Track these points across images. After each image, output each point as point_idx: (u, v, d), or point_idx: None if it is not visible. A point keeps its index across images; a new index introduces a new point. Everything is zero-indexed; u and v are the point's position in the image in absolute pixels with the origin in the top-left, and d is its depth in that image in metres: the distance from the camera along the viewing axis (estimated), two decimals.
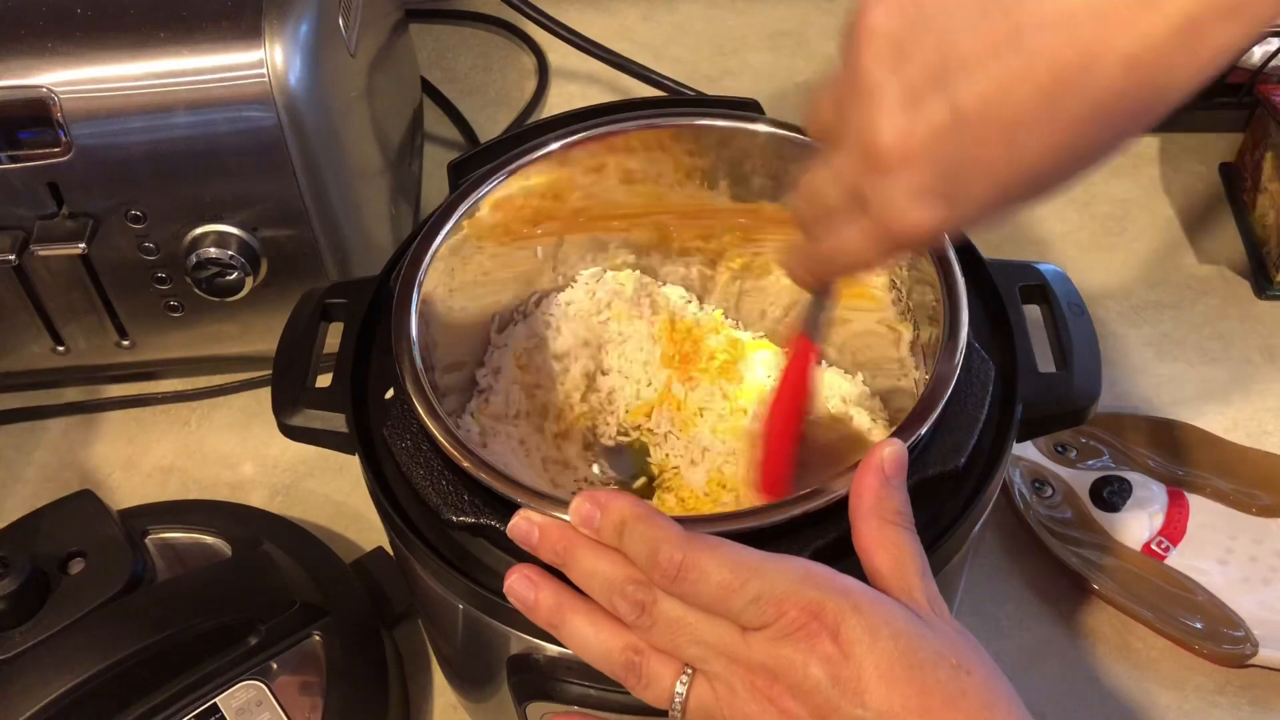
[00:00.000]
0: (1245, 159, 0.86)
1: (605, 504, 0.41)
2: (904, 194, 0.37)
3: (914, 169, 0.37)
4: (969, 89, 0.35)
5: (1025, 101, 0.35)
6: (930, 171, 0.37)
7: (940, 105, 0.35)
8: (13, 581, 0.55)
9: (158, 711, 0.56)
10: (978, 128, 0.35)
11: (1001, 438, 0.49)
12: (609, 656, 0.41)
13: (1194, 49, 0.33)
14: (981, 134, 0.36)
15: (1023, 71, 0.34)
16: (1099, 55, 0.34)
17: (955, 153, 0.36)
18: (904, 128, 0.36)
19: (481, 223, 0.57)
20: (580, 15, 1.03)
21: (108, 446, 0.78)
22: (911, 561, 0.41)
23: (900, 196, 0.37)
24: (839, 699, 0.37)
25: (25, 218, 0.65)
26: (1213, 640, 0.62)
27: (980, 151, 0.36)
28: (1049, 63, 0.34)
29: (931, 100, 0.36)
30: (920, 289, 0.55)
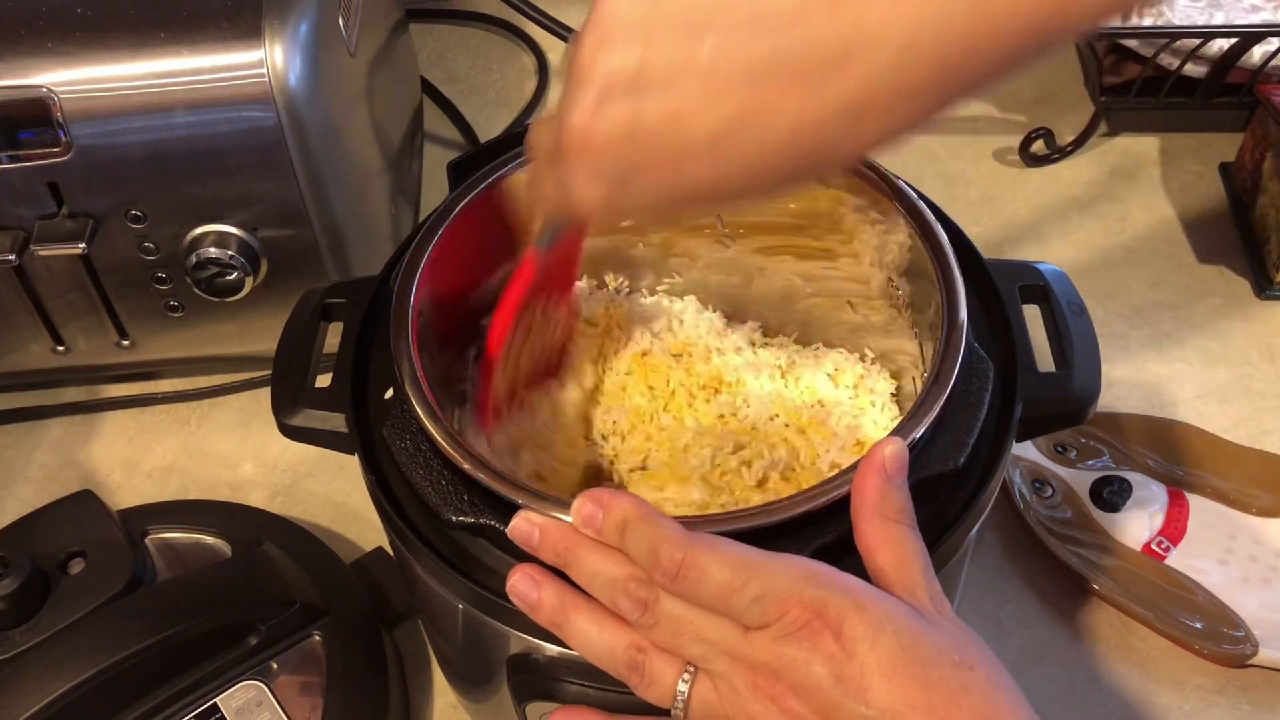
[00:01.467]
0: (1245, 159, 0.86)
1: (607, 504, 0.41)
2: (580, 172, 0.41)
3: (588, 158, 0.40)
4: (652, 106, 0.38)
5: (696, 134, 0.37)
6: (601, 164, 0.40)
7: (623, 111, 0.38)
8: (13, 581, 0.55)
9: (158, 711, 0.56)
10: (650, 143, 0.38)
11: (1001, 437, 0.49)
12: (612, 655, 0.41)
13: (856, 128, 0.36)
14: (651, 149, 0.38)
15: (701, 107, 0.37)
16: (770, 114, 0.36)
17: (626, 157, 0.39)
18: (588, 120, 0.39)
19: (482, 222, 0.57)
20: (580, 15, 1.02)
21: (108, 446, 0.78)
22: (914, 559, 0.41)
23: (575, 174, 0.41)
24: (842, 697, 0.37)
25: (25, 218, 0.65)
26: (1213, 640, 0.62)
27: (648, 164, 0.39)
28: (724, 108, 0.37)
29: (618, 103, 0.38)
30: (920, 289, 0.55)
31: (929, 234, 0.52)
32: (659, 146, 0.38)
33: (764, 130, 0.37)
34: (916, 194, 0.54)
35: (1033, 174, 0.91)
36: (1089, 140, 0.91)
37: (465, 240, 0.57)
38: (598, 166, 0.40)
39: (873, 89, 0.35)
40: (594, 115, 0.39)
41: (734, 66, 0.36)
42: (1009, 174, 0.91)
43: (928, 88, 0.36)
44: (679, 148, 0.38)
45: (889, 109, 0.36)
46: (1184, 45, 0.84)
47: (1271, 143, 0.81)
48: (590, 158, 0.40)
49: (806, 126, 0.36)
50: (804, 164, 0.38)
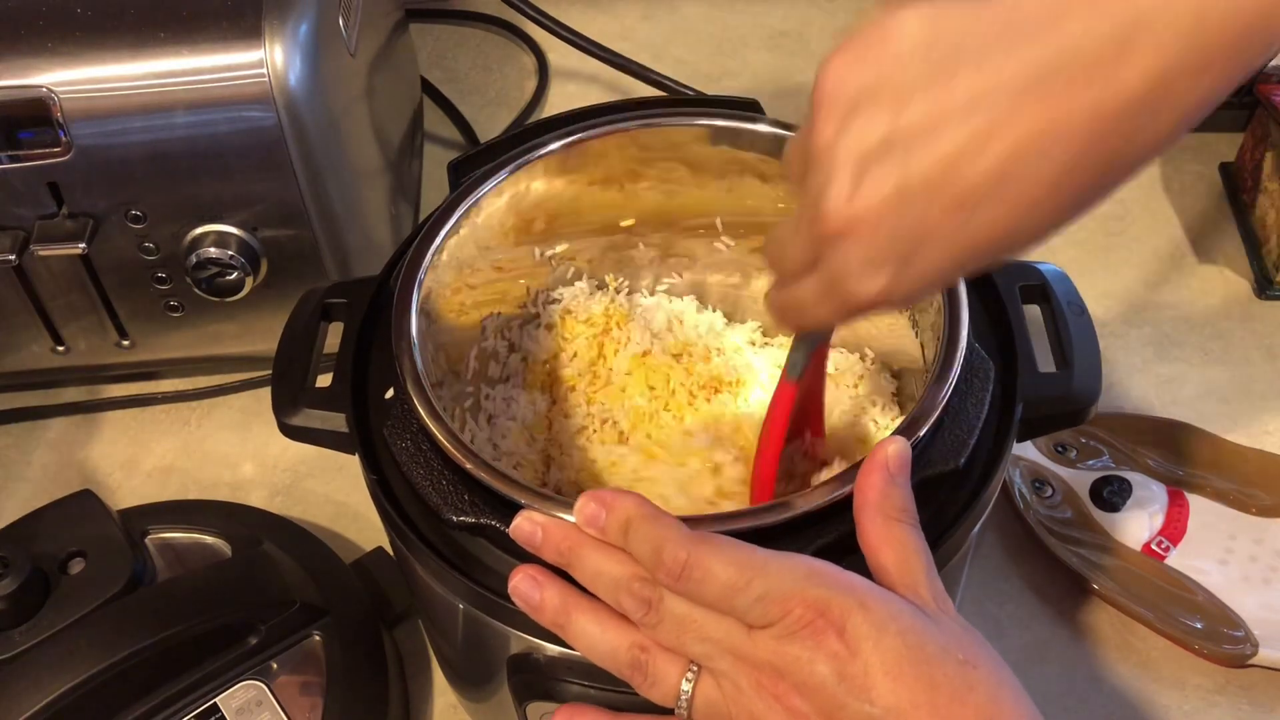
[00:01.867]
0: (1245, 159, 0.86)
1: (610, 503, 0.41)
2: (853, 262, 0.37)
3: (861, 239, 0.36)
4: (918, 161, 0.34)
5: (976, 176, 0.34)
6: (878, 242, 0.36)
7: (888, 176, 0.35)
8: (13, 581, 0.55)
9: (158, 711, 0.56)
10: (926, 201, 0.35)
11: (1001, 437, 0.49)
12: (615, 655, 0.41)
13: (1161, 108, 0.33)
14: (931, 206, 0.35)
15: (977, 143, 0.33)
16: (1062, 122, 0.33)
17: (903, 225, 0.35)
18: (850, 197, 0.35)
19: (481, 222, 0.57)
20: (580, 15, 1.03)
21: (108, 446, 0.78)
22: (916, 558, 0.41)
23: (849, 264, 0.37)
24: (846, 696, 0.37)
25: (25, 218, 0.65)
26: (1213, 640, 0.62)
27: (930, 225, 0.35)
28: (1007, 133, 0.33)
29: (879, 170, 0.35)
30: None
31: None
32: (936, 205, 0.34)
33: (1054, 145, 0.33)
34: None
35: None
36: None
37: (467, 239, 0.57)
38: (873, 248, 0.36)
39: (1168, 68, 0.32)
40: (854, 195, 0.35)
41: (992, 91, 0.33)
42: None
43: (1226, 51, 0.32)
44: (958, 199, 0.34)
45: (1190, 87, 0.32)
46: None
47: (1271, 143, 0.81)
48: (861, 241, 0.36)
49: (1103, 126, 0.33)
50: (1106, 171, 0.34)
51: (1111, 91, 0.32)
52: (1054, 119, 0.33)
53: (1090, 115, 0.33)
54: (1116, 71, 0.32)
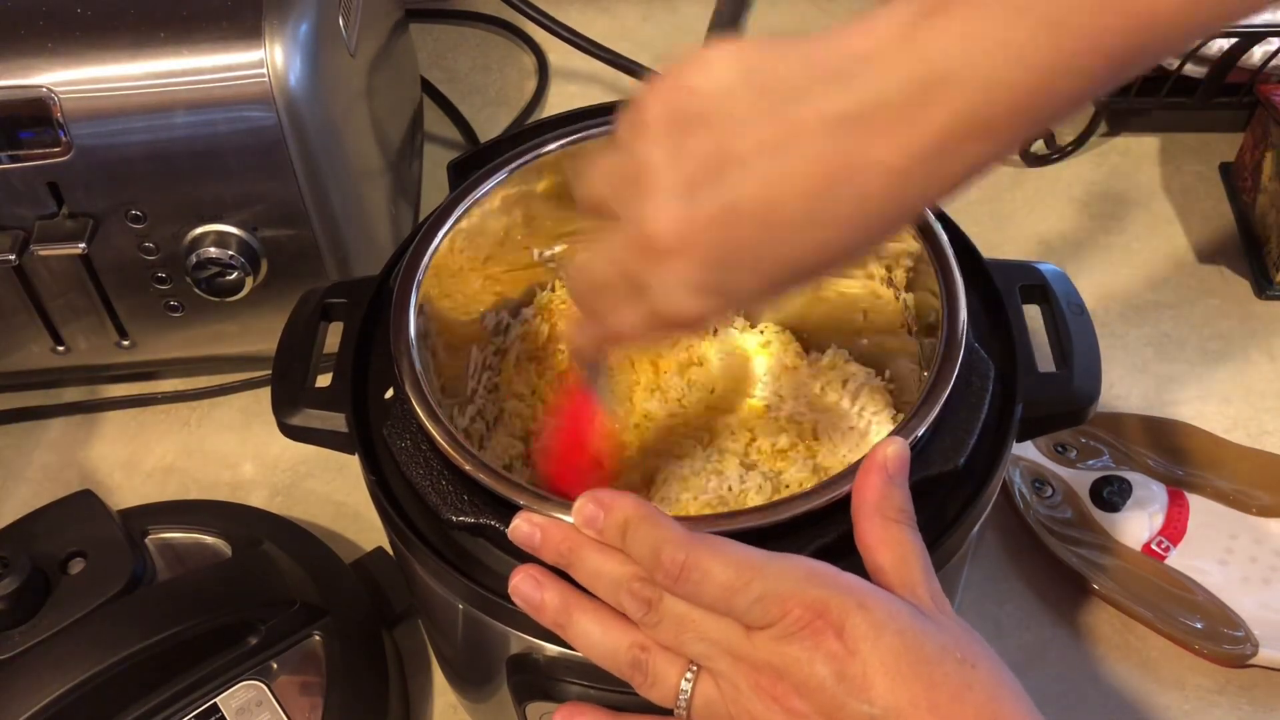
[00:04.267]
0: (1245, 159, 0.86)
1: (609, 504, 0.41)
2: (676, 283, 0.38)
3: (686, 260, 0.37)
4: (743, 185, 0.36)
5: (794, 202, 0.36)
6: (702, 263, 0.37)
7: (714, 198, 0.36)
8: (13, 581, 0.55)
9: (158, 711, 0.56)
10: (748, 224, 0.36)
11: (1001, 437, 0.49)
12: (615, 655, 0.41)
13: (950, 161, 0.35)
14: (752, 230, 0.36)
15: (793, 174, 0.36)
16: (862, 164, 0.35)
17: (726, 245, 0.37)
18: (678, 218, 0.37)
19: (481, 223, 0.57)
20: (580, 15, 1.03)
21: (108, 446, 0.78)
22: (914, 559, 0.41)
23: (672, 286, 0.38)
24: (845, 696, 0.37)
25: (25, 218, 0.65)
26: (1213, 640, 0.62)
27: (751, 245, 0.37)
28: (817, 168, 0.35)
29: (706, 192, 0.36)
30: (920, 289, 0.55)
31: (929, 234, 0.52)
32: (758, 223, 0.36)
33: (857, 184, 0.35)
34: None
35: (1032, 174, 0.91)
36: (1089, 140, 0.91)
37: (467, 239, 0.57)
38: (695, 267, 0.37)
39: (961, 124, 0.34)
40: (683, 212, 0.37)
41: (812, 125, 0.35)
42: (1009, 174, 0.91)
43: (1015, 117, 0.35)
44: (779, 218, 0.36)
45: (981, 140, 0.35)
46: None
47: (1271, 143, 0.81)
48: (686, 259, 0.37)
49: (899, 169, 0.35)
50: (899, 210, 0.37)
51: (909, 140, 0.35)
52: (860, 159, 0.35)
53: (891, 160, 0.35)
54: (913, 123, 0.34)
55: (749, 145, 0.36)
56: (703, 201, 0.36)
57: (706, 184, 0.36)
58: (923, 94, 0.34)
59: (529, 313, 0.63)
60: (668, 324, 0.40)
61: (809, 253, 0.37)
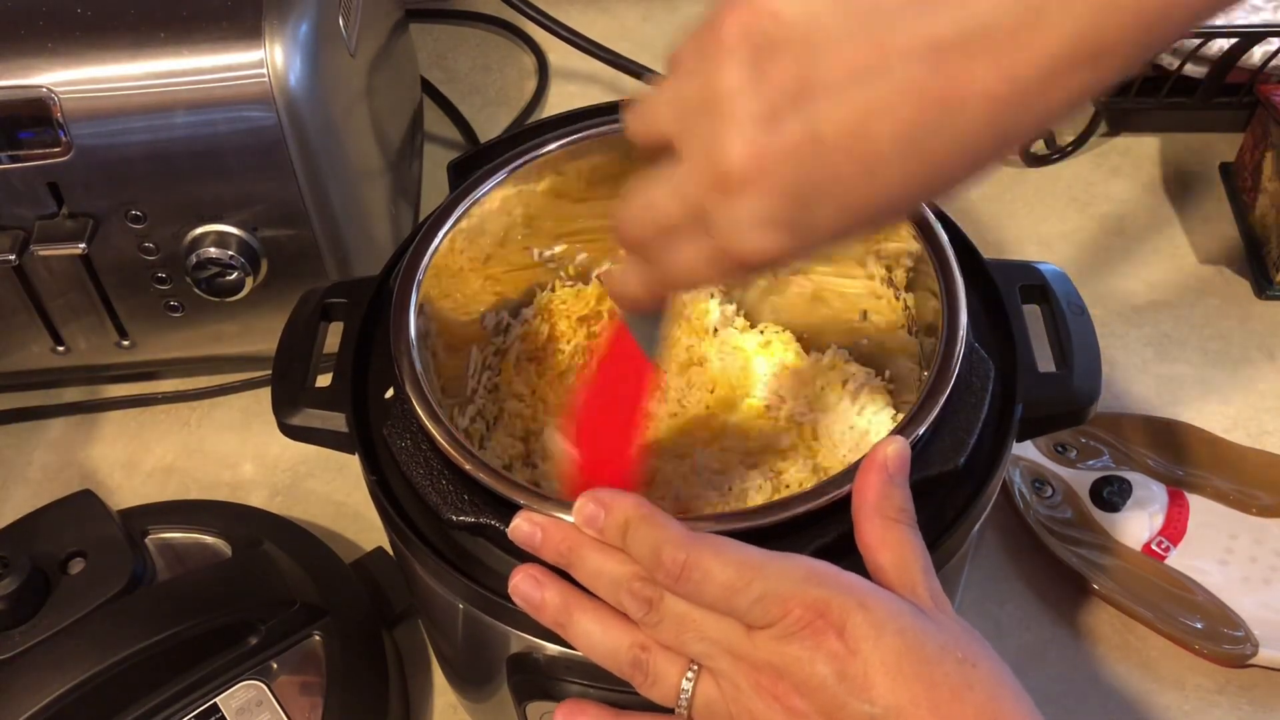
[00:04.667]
0: (1245, 159, 0.86)
1: (609, 504, 0.41)
2: (748, 217, 0.35)
3: (762, 191, 0.35)
4: (830, 114, 0.34)
5: (886, 132, 0.34)
6: (778, 195, 0.35)
7: (798, 126, 0.34)
8: (13, 581, 0.55)
9: (158, 711, 0.56)
10: (834, 154, 0.34)
11: (1001, 437, 0.49)
12: (616, 654, 0.41)
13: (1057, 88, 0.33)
14: (838, 161, 0.34)
15: (887, 103, 0.33)
16: (963, 93, 0.33)
17: (807, 178, 0.34)
18: (757, 146, 0.34)
19: (481, 223, 0.57)
20: (580, 15, 1.03)
21: (108, 446, 0.78)
22: (914, 558, 0.41)
23: (744, 219, 0.35)
24: (846, 695, 0.37)
25: (25, 218, 0.65)
26: (1213, 640, 0.62)
27: (834, 179, 0.34)
28: (912, 97, 0.33)
29: (790, 120, 0.34)
30: (920, 289, 0.55)
31: (929, 234, 0.52)
32: (845, 154, 0.34)
33: (956, 114, 0.33)
34: None
35: (1032, 174, 0.91)
36: (1089, 140, 0.91)
37: (467, 239, 0.57)
38: (771, 200, 0.35)
39: (1072, 48, 0.32)
40: (763, 140, 0.34)
41: (912, 50, 0.33)
42: (1009, 174, 0.91)
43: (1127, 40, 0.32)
44: (869, 150, 0.34)
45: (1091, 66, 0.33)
46: (1184, 45, 0.84)
47: (1271, 143, 0.81)
48: (762, 191, 0.35)
49: (1002, 97, 0.33)
50: (997, 143, 0.34)
51: (1015, 66, 0.32)
52: (965, 88, 0.33)
53: (997, 88, 0.33)
54: (1021, 47, 0.32)
55: (838, 72, 0.33)
56: (785, 130, 0.34)
57: (789, 111, 0.34)
58: (1032, 16, 0.32)
59: (529, 313, 0.63)
60: (736, 263, 0.37)
61: (897, 188, 0.35)
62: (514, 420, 0.61)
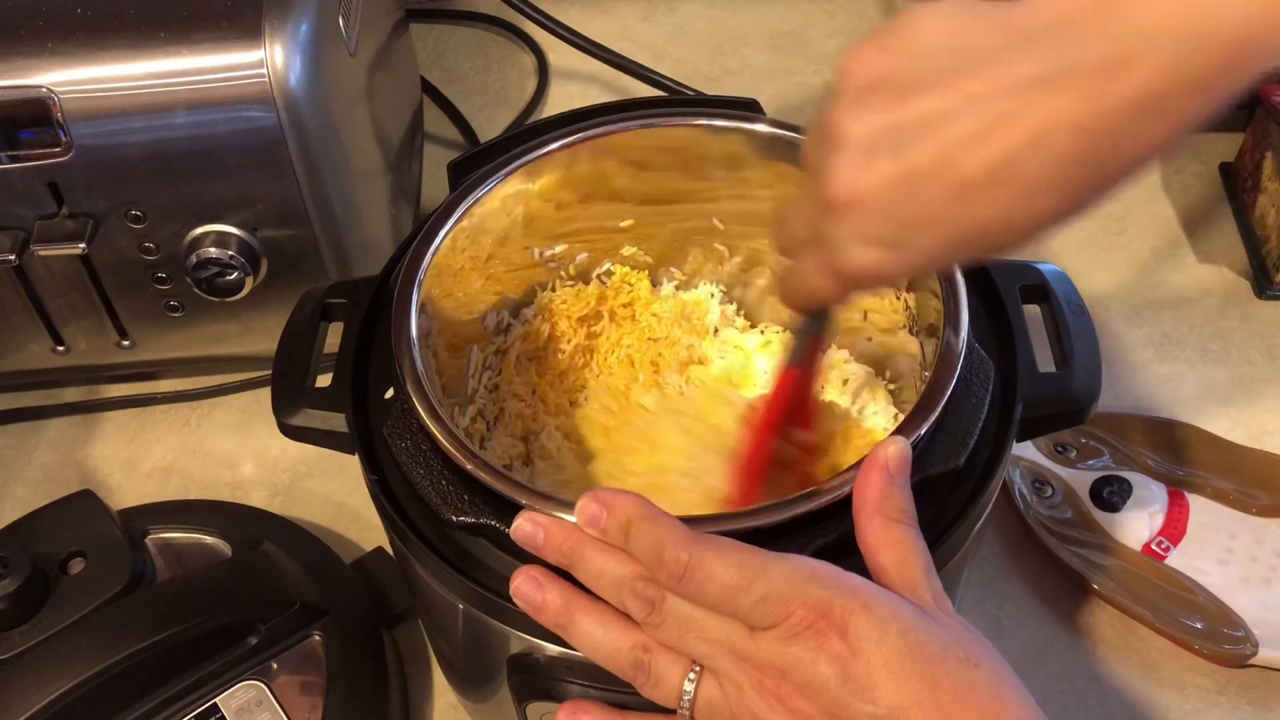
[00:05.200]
0: (1245, 159, 0.86)
1: (611, 504, 0.41)
2: (851, 238, 0.39)
3: (862, 216, 0.38)
4: (922, 147, 0.37)
5: (976, 165, 0.36)
6: (878, 220, 0.38)
7: (892, 159, 0.37)
8: (13, 581, 0.55)
9: (158, 711, 0.56)
10: (927, 185, 0.37)
11: (1001, 437, 0.49)
12: (618, 656, 0.41)
13: (1150, 121, 0.35)
14: (930, 191, 0.37)
15: (974, 136, 0.36)
16: (1050, 125, 0.35)
17: (904, 205, 0.38)
18: (856, 176, 0.38)
19: (481, 223, 0.57)
20: (580, 15, 1.03)
21: (108, 446, 0.78)
22: (916, 559, 0.41)
23: (848, 240, 0.39)
24: (849, 696, 0.37)
25: (25, 218, 0.65)
26: (1213, 640, 0.62)
27: (929, 207, 0.37)
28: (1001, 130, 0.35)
29: (885, 152, 0.37)
30: (921, 289, 0.55)
31: None
32: (933, 191, 0.37)
33: (1043, 146, 0.35)
34: None
35: None
36: None
37: (467, 240, 0.57)
38: (869, 225, 0.38)
39: (1162, 80, 0.34)
40: (859, 173, 0.38)
41: (999, 88, 0.35)
42: None
43: (1220, 72, 0.34)
44: (955, 187, 0.37)
45: (1182, 99, 0.35)
46: None
47: (1271, 143, 0.81)
48: (860, 218, 0.38)
49: (1093, 127, 0.35)
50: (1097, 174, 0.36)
51: (1107, 102, 0.34)
52: (1051, 120, 0.35)
53: (1084, 120, 0.35)
54: (1112, 84, 0.34)
55: (932, 106, 0.36)
56: (879, 163, 0.37)
57: (884, 146, 0.37)
58: (1122, 52, 0.34)
59: (529, 313, 0.63)
60: (844, 277, 0.41)
61: (993, 214, 0.37)
62: (514, 420, 0.61)
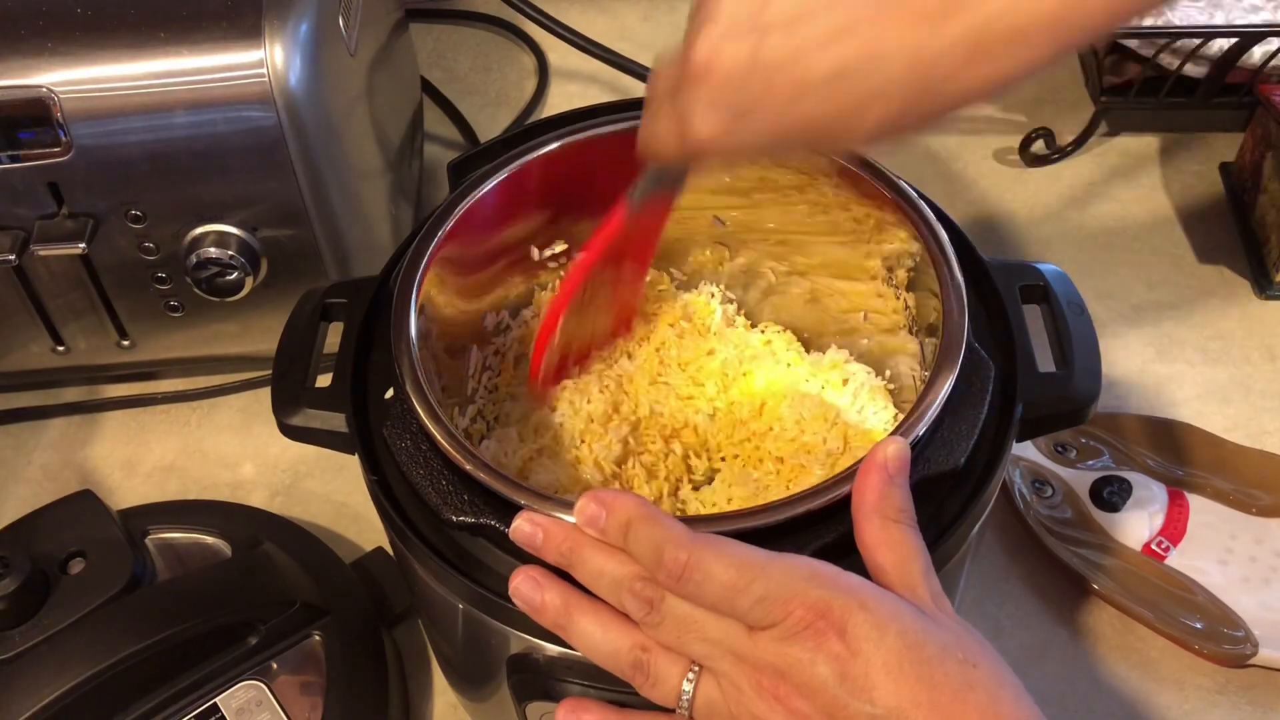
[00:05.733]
0: (1245, 159, 0.86)
1: (611, 504, 0.41)
2: (699, 102, 0.42)
3: (711, 86, 0.42)
4: (774, 41, 0.40)
5: (815, 69, 0.40)
6: (724, 93, 0.42)
7: (746, 45, 0.40)
8: (13, 581, 0.55)
9: (158, 711, 0.56)
10: (769, 76, 0.40)
11: (1001, 437, 0.49)
12: (617, 656, 0.41)
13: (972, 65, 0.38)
14: (771, 83, 0.40)
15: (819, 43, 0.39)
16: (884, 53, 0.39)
17: (749, 86, 0.41)
18: (715, 49, 0.41)
19: (481, 223, 0.57)
20: (580, 15, 1.03)
21: (108, 446, 0.78)
22: (915, 559, 0.41)
23: (694, 103, 0.42)
24: (847, 697, 0.37)
25: (25, 218, 0.65)
26: (1213, 640, 0.62)
27: (766, 98, 0.41)
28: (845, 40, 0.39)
29: (742, 39, 0.40)
30: (921, 289, 0.55)
31: (930, 234, 0.52)
32: (778, 80, 0.40)
33: (881, 64, 0.38)
34: (918, 194, 0.54)
35: (1033, 174, 0.91)
36: (1089, 140, 0.91)
37: (467, 239, 0.57)
38: (717, 97, 0.42)
39: (991, 27, 0.37)
40: (717, 48, 0.41)
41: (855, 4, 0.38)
42: (1009, 174, 0.91)
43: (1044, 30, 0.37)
44: (797, 82, 0.40)
45: (1005, 50, 0.38)
46: (1184, 45, 0.84)
47: (1271, 143, 0.81)
48: (710, 88, 0.42)
49: (922, 60, 0.38)
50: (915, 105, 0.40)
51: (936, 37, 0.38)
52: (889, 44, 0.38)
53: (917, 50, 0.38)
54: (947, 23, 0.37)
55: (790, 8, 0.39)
56: (736, 44, 0.40)
57: (743, 32, 0.40)
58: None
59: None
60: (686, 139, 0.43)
61: (825, 114, 0.40)
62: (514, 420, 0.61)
